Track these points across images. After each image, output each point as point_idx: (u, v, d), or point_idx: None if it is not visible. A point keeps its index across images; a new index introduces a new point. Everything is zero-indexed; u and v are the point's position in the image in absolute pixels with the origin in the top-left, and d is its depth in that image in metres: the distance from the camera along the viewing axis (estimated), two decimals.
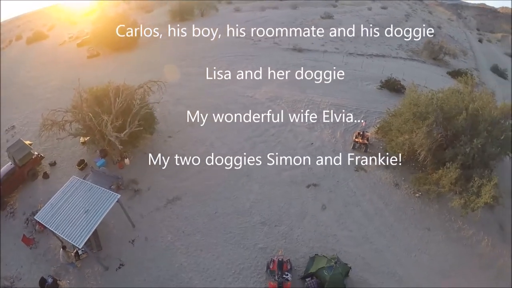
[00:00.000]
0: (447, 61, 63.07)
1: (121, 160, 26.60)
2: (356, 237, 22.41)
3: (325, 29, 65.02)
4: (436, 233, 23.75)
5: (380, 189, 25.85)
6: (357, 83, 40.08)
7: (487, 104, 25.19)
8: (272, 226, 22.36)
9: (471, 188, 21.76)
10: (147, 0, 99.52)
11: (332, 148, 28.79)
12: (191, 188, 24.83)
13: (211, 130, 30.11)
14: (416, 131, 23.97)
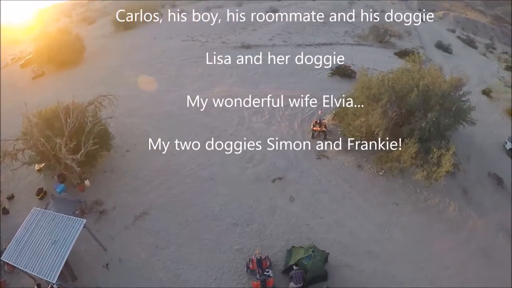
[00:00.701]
0: (393, 42, 65.72)
1: (81, 182, 25.62)
2: (328, 223, 23.13)
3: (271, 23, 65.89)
4: (405, 207, 25.09)
5: (344, 173, 26.84)
6: (309, 74, 41.02)
7: (436, 79, 26.79)
8: (244, 226, 22.55)
9: (431, 159, 23.19)
10: (89, 12, 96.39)
11: (292, 140, 29.41)
12: (157, 200, 24.44)
13: (168, 138, 29.71)
14: (371, 113, 25.07)
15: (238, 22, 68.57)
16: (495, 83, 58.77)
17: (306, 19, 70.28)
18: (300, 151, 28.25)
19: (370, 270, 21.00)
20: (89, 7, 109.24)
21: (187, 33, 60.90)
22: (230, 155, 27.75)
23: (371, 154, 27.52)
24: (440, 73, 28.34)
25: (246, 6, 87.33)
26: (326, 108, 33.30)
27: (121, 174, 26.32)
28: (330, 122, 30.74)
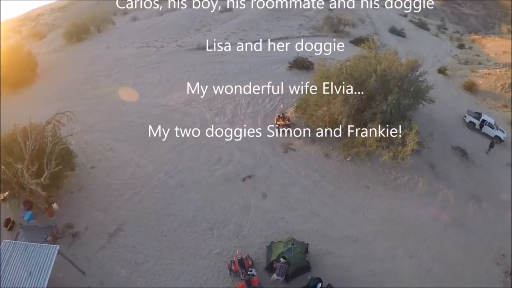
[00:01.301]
0: (347, 31, 67.49)
1: (48, 207, 24.57)
2: (303, 214, 23.72)
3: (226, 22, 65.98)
4: (376, 188, 26.23)
5: (312, 163, 27.58)
6: (267, 69, 41.57)
7: (393, 63, 27.99)
8: (221, 229, 22.61)
9: (396, 140, 24.13)
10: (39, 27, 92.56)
11: (257, 136, 29.79)
12: (129, 215, 23.90)
13: (132, 150, 29.20)
14: (333, 102, 25.72)
15: (192, 24, 68.13)
16: (449, 61, 61.81)
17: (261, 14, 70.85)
18: (267, 147, 28.66)
19: (351, 254, 21.81)
20: (38, 21, 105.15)
21: (141, 39, 59.98)
22: (197, 159, 27.69)
23: (336, 142, 28.42)
24: (396, 56, 29.56)
25: (198, 8, 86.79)
26: (288, 102, 33.89)
27: (89, 192, 25.58)
28: (293, 115, 31.39)
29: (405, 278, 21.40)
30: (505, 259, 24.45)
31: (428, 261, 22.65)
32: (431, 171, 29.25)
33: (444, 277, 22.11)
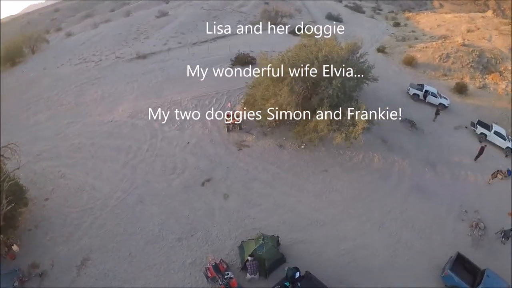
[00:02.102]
0: (285, 23, 68.72)
1: (8, 250, 23.03)
2: (268, 208, 24.35)
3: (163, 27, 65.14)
4: (334, 170, 27.51)
5: (268, 156, 28.31)
6: (210, 69, 41.39)
7: (333, 48, 29.01)
8: (189, 238, 22.55)
9: (346, 121, 25.16)
10: None
11: (209, 138, 29.98)
12: (94, 242, 23.00)
13: (85, 173, 28.10)
14: (279, 93, 26.31)
15: (129, 33, 66.69)
16: (387, 40, 65.07)
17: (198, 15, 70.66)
18: (220, 147, 28.94)
19: (321, 238, 22.75)
20: None
21: (78, 55, 57.78)
22: (152, 172, 27.30)
23: (289, 132, 29.25)
24: (335, 41, 30.70)
25: (134, 15, 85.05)
26: (235, 99, 34.41)
27: (48, 226, 24.28)
28: (241, 112, 31.69)
29: (377, 250, 22.73)
30: (468, 214, 26.79)
31: (396, 230, 24.19)
32: (384, 145, 31.03)
33: (414, 242, 23.70)
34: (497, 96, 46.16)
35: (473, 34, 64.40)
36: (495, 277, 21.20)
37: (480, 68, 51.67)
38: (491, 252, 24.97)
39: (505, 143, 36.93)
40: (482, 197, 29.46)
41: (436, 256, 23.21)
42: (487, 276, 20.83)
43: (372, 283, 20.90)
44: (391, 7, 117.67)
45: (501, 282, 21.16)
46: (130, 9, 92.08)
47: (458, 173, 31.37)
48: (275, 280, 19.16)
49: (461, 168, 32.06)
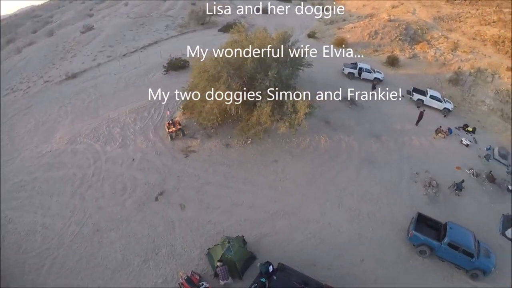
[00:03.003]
0: (214, 21, 69.17)
1: None
2: (226, 209, 24.39)
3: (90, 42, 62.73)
4: (284, 159, 28.14)
5: (216, 157, 28.24)
6: (144, 79, 40.65)
7: (265, 40, 29.34)
8: (154, 257, 21.87)
9: (287, 110, 25.62)
10: None
11: (154, 150, 29.21)
12: (58, 284, 21.14)
13: (33, 212, 25.82)
14: (218, 93, 26.13)
15: (55, 53, 63.41)
16: (316, 25, 67.24)
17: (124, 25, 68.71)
18: (167, 158, 28.36)
19: (285, 227, 23.28)
20: None
21: (4, 85, 53.90)
22: (102, 196, 26.00)
23: (233, 130, 29.35)
24: (266, 33, 31.12)
25: (58, 34, 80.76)
26: (174, 106, 33.81)
27: (7, 279, 22.06)
28: (182, 118, 31.38)
29: (341, 227, 23.75)
30: (419, 176, 28.83)
31: (355, 204, 25.43)
32: (327, 126, 32.20)
33: (374, 212, 25.08)
34: (427, 63, 49.43)
35: (397, 9, 68.33)
36: (458, 227, 23.09)
37: (408, 39, 54.89)
38: (448, 206, 27.07)
39: (441, 104, 39.99)
40: (429, 158, 31.61)
41: (398, 220, 24.76)
42: (450, 228, 22.61)
43: (344, 259, 21.89)
44: None
45: (464, 231, 23.08)
46: (53, 28, 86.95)
47: (403, 139, 33.35)
48: (251, 279, 19.27)
49: (404, 134, 34.11)
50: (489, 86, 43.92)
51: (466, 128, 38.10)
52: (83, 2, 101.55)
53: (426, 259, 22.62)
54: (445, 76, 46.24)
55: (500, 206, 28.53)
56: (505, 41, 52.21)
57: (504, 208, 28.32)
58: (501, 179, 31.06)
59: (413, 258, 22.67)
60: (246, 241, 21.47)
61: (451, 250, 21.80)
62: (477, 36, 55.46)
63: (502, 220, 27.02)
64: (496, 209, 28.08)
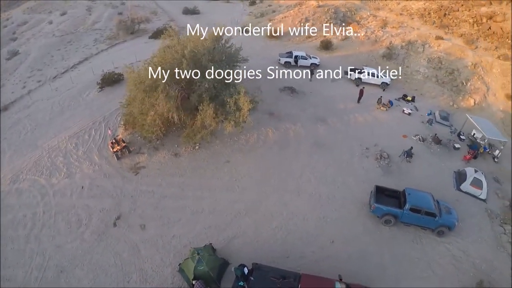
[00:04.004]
0: (144, 28, 67.07)
1: None
2: (188, 220, 23.57)
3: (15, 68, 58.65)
4: (235, 158, 27.87)
5: (167, 169, 27.20)
6: (79, 100, 38.08)
7: (198, 41, 28.70)
8: (126, 285, 20.48)
9: (231, 109, 25.22)
10: None
11: (102, 174, 27.47)
12: None
13: None
14: (156, 103, 25.21)
15: None
16: (247, 20, 67.09)
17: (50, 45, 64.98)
18: (117, 179, 26.83)
19: (251, 226, 23.07)
20: None
21: None
22: (58, 234, 23.92)
23: (179, 138, 28.48)
24: (198, 35, 30.27)
25: None
26: (114, 124, 32.19)
27: None
28: (125, 134, 29.92)
29: (305, 214, 23.96)
30: (369, 150, 29.91)
31: (314, 189, 25.76)
32: (271, 117, 32.27)
33: (334, 193, 25.62)
34: (360, 42, 50.84)
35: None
36: (416, 192, 24.13)
37: (339, 22, 56.05)
38: (402, 174, 28.22)
39: (379, 79, 41.40)
40: (375, 131, 32.68)
41: (358, 196, 25.44)
42: (409, 194, 23.58)
43: (315, 245, 22.08)
44: None
45: (422, 194, 24.19)
46: None
47: (348, 118, 34.22)
48: (229, 285, 18.97)
49: (348, 113, 35.00)
50: (421, 56, 45.91)
51: (405, 98, 39.79)
52: (5, 26, 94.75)
53: (393, 227, 23.48)
54: (378, 53, 47.81)
55: (450, 164, 30.31)
56: (430, 12, 55.28)
57: (454, 165, 30.16)
58: (446, 139, 32.97)
59: (380, 229, 23.43)
60: (215, 248, 20.97)
61: (414, 214, 22.84)
62: (404, 11, 58.38)
63: (455, 177, 28.82)
64: (447, 168, 29.78)
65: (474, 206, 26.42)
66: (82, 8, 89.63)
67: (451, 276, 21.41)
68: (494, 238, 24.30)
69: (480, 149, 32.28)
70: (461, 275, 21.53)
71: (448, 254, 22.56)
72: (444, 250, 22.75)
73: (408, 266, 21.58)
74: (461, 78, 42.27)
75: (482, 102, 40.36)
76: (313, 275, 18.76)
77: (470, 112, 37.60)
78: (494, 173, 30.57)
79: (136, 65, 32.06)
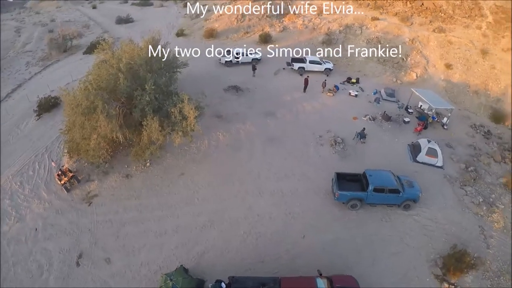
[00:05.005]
0: (77, 44, 63.32)
1: None
2: (153, 244, 21.91)
3: None
4: (189, 169, 26.44)
5: (121, 193, 25.14)
6: (17, 133, 34.37)
7: (133, 52, 26.96)
8: None
9: (176, 119, 23.82)
10: None
11: (54, 211, 24.70)
12: None
13: None
14: (98, 124, 23.25)
15: None
16: (183, 22, 65.33)
17: None
18: (70, 213, 24.33)
19: (218, 237, 21.90)
20: None
21: None
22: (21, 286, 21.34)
23: (127, 157, 26.72)
24: (133, 44, 28.70)
25: None
26: (57, 154, 29.42)
27: None
28: (71, 163, 27.49)
29: (271, 213, 23.27)
30: (323, 137, 29.86)
31: (275, 187, 25.08)
32: (221, 120, 31.22)
33: (295, 186, 25.07)
34: (299, 31, 50.91)
35: None
36: (376, 172, 24.22)
37: (276, 14, 55.55)
38: (358, 156, 28.32)
39: (322, 66, 41.47)
40: (326, 118, 32.52)
41: (320, 186, 25.11)
42: (370, 175, 23.56)
43: (287, 243, 21.52)
44: None
45: (383, 173, 24.37)
46: None
47: (296, 109, 33.87)
48: None
49: (296, 103, 34.69)
50: (360, 38, 46.56)
51: (350, 81, 40.18)
52: None
53: (359, 210, 23.47)
54: (318, 40, 47.89)
55: (403, 138, 30.91)
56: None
57: (406, 139, 30.77)
58: (395, 115, 33.59)
59: (348, 214, 23.31)
60: (186, 268, 19.66)
61: (378, 194, 22.98)
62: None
63: (410, 149, 29.44)
64: (401, 142, 30.33)
65: (433, 174, 27.15)
66: (10, 29, 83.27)
67: (425, 246, 21.81)
68: (457, 201, 25.16)
69: (429, 119, 33.16)
70: (434, 243, 22.02)
71: (418, 225, 22.99)
72: (413, 222, 23.12)
73: (381, 244, 21.67)
74: (400, 55, 43.31)
75: (424, 74, 41.66)
76: (292, 277, 18.27)
77: (414, 85, 38.69)
78: (445, 140, 31.59)
79: (72, 86, 29.37)
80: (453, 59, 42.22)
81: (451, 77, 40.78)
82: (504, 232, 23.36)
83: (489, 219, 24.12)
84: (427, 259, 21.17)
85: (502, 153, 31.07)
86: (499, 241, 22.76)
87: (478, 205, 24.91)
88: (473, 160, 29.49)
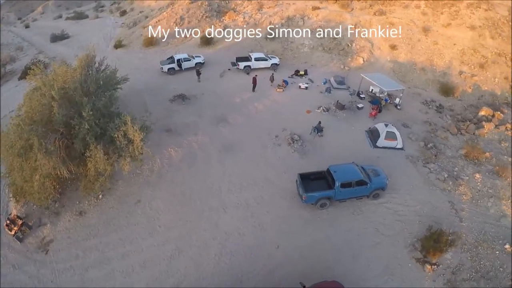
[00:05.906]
0: (11, 70, 57.45)
1: None
2: (119, 284, 19.89)
3: None
4: (145, 194, 24.35)
5: (77, 233, 22.76)
6: None
7: (66, 75, 24.29)
8: None
9: (121, 144, 21.64)
10: None
11: (10, 266, 21.70)
12: None
13: None
14: (38, 164, 20.74)
15: None
16: (120, 32, 61.84)
17: None
18: (28, 266, 21.54)
19: (189, 263, 20.35)
20: None
21: None
22: None
23: (77, 192, 24.25)
24: (65, 66, 25.83)
25: None
26: (3, 201, 25.97)
27: None
28: (18, 208, 24.52)
29: (239, 228, 21.89)
30: (279, 137, 28.91)
31: (238, 198, 23.81)
32: (170, 134, 29.28)
33: (259, 194, 24.04)
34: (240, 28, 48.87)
35: None
36: (339, 167, 23.54)
37: (215, 14, 53.90)
38: (318, 151, 27.56)
39: (268, 62, 40.42)
40: (279, 115, 31.57)
41: (285, 189, 24.21)
42: (334, 171, 22.85)
43: (262, 257, 20.34)
44: None
45: (346, 166, 23.74)
46: None
47: (247, 110, 32.69)
48: None
49: (247, 105, 33.48)
50: (303, 29, 45.61)
51: (298, 73, 39.41)
52: None
53: (329, 208, 22.76)
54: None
55: (359, 124, 30.57)
56: None
57: (363, 125, 30.46)
58: (348, 103, 33.28)
59: (318, 214, 22.59)
60: None
61: (346, 189, 22.41)
62: None
63: (368, 136, 29.16)
64: (358, 129, 29.95)
65: (395, 157, 27.07)
66: None
67: (401, 232, 21.62)
68: (423, 180, 25.19)
69: (382, 102, 33.09)
70: (409, 227, 21.86)
71: (390, 212, 22.75)
72: (385, 210, 22.88)
73: (358, 239, 21.17)
74: (345, 41, 43.14)
75: (370, 58, 41.71)
76: None
77: (362, 70, 38.64)
78: (401, 120, 31.66)
79: (10, 118, 25.80)
80: (396, 39, 42.49)
81: (397, 58, 41.06)
82: (473, 203, 23.68)
83: (457, 192, 24.36)
84: (405, 244, 20.95)
85: (457, 125, 31.66)
86: (470, 212, 23.05)
87: (444, 181, 25.01)
88: (431, 136, 29.75)
